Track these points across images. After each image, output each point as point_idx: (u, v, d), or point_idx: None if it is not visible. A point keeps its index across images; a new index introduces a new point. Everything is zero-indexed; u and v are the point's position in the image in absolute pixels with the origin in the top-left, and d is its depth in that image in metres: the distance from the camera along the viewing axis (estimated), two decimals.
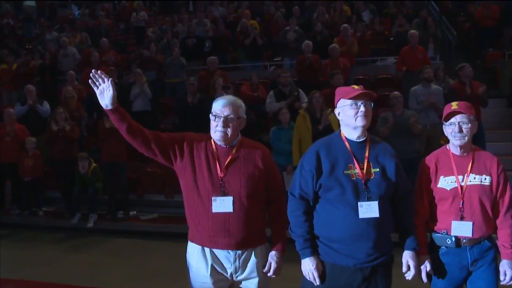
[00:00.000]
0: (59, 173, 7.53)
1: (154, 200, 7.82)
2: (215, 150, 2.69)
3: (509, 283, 2.64)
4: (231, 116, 2.65)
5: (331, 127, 6.46)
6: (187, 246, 2.75)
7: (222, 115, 2.63)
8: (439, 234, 2.73)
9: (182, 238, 6.22)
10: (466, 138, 2.65)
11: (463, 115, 2.65)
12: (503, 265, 2.63)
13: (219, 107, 2.66)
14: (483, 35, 10.64)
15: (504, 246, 2.62)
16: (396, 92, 6.57)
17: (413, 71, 8.18)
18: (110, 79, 2.58)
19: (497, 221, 2.67)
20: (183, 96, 8.07)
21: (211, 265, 2.65)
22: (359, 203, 2.49)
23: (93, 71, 2.58)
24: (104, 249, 6.36)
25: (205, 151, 2.68)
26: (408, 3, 12.42)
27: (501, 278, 2.65)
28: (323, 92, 6.91)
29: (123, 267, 5.53)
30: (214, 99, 2.84)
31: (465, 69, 7.08)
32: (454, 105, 2.69)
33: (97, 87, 2.58)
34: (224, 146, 2.69)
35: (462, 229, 2.64)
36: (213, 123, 2.67)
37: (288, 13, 12.22)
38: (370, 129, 2.73)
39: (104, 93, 2.57)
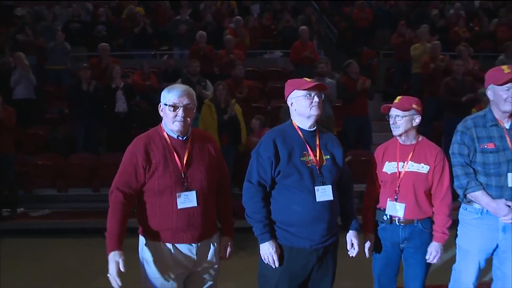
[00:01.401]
0: None
1: (45, 195, 7.25)
2: (170, 143, 2.62)
3: (432, 262, 2.96)
4: (191, 105, 2.62)
5: (237, 117, 6.66)
6: (138, 241, 2.67)
7: (182, 104, 2.58)
8: (379, 210, 3.03)
9: (81, 234, 5.97)
10: (401, 129, 2.94)
11: (397, 109, 2.95)
12: (431, 246, 2.93)
13: (176, 96, 2.58)
14: (359, 35, 11.63)
15: (436, 230, 2.94)
16: None
17: (303, 65, 8.70)
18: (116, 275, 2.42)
19: (434, 208, 2.95)
20: (75, 83, 7.55)
21: (173, 259, 2.60)
22: (315, 188, 2.66)
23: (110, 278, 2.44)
24: None
25: (160, 149, 2.60)
26: None
27: (427, 257, 2.94)
28: (226, 82, 7.04)
29: (29, 270, 5.02)
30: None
31: (352, 65, 7.67)
32: (396, 100, 2.99)
33: None
34: (180, 138, 2.64)
35: (395, 209, 2.95)
36: (170, 113, 2.58)
37: (173, 2, 12.06)
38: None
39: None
